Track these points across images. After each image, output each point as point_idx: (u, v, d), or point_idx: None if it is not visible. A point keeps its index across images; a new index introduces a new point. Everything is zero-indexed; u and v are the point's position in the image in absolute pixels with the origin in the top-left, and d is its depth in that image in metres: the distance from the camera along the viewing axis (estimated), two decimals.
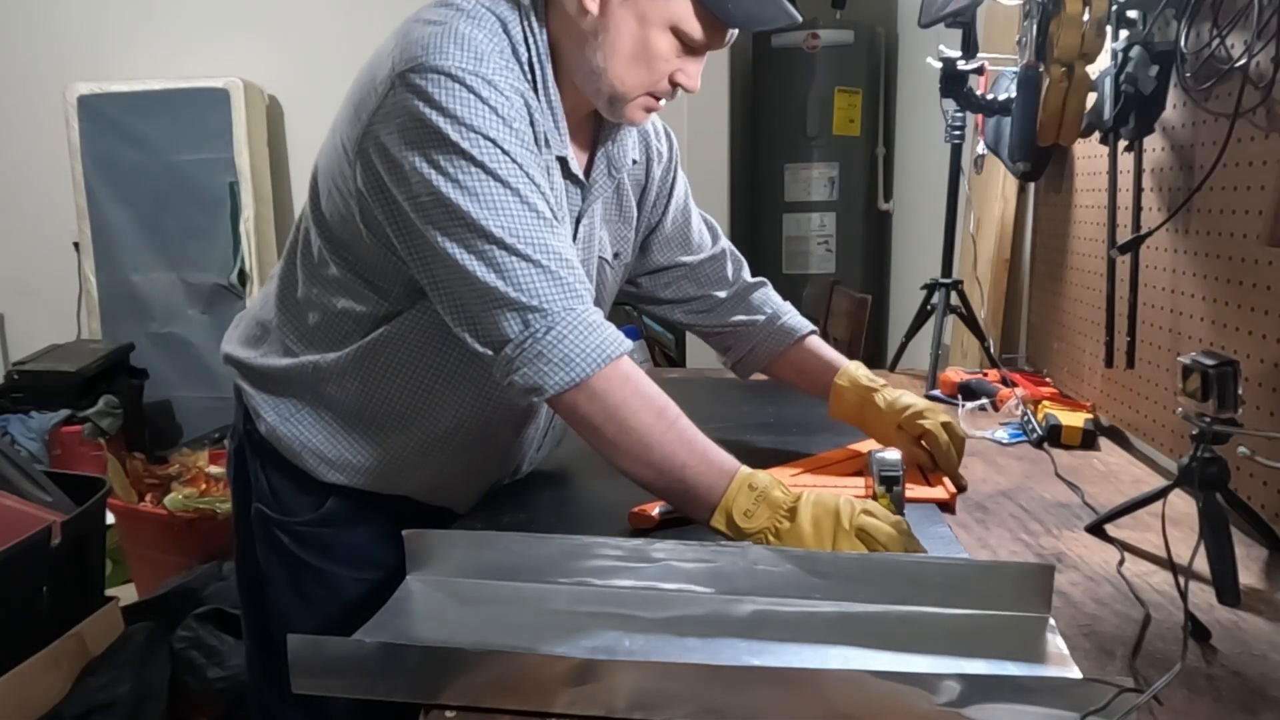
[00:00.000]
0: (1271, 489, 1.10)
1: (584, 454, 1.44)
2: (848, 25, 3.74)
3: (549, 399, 0.97)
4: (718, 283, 1.38)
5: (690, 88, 1.05)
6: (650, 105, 1.06)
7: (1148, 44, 1.27)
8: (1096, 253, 1.67)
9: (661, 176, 1.29)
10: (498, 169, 0.95)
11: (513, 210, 0.95)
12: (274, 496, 1.17)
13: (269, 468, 1.17)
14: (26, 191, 3.89)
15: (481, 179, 0.94)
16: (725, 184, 3.78)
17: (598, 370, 0.95)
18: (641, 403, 0.98)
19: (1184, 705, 0.73)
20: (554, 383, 0.95)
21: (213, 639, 2.02)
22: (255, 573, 1.22)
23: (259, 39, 3.77)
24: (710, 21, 1.00)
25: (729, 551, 0.90)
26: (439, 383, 1.10)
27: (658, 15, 0.98)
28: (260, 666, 1.28)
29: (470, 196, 0.94)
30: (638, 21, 0.99)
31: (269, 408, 1.14)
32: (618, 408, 0.97)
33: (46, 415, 3.26)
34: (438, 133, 0.94)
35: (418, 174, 0.94)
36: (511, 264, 0.95)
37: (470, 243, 0.95)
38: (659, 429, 0.97)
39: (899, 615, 0.85)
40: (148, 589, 2.47)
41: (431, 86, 0.93)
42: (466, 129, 0.94)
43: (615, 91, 1.02)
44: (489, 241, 0.94)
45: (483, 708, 0.74)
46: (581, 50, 1.01)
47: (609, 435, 0.98)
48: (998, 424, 1.58)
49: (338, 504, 1.15)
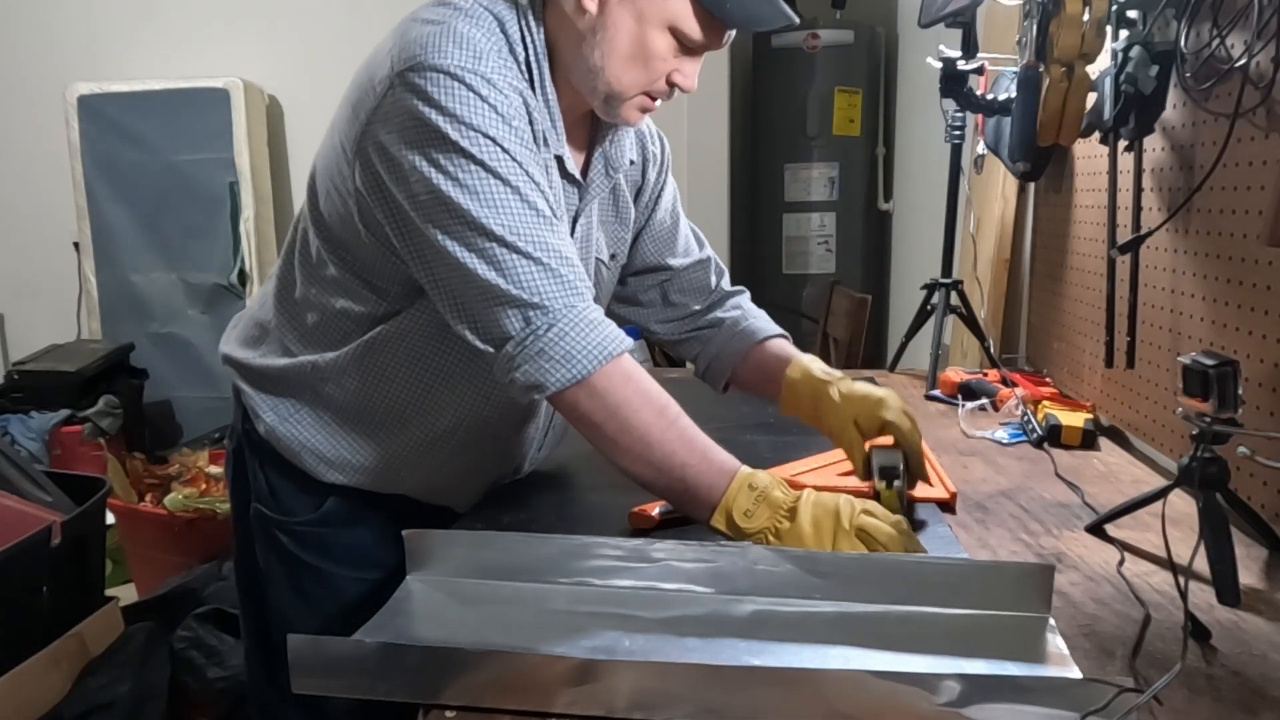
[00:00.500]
0: (1271, 489, 1.10)
1: (584, 454, 1.44)
2: (848, 25, 3.74)
3: (550, 396, 0.97)
4: (699, 292, 1.35)
5: (687, 88, 1.04)
6: (646, 105, 1.05)
7: (1148, 44, 1.27)
8: (1096, 253, 1.67)
9: (655, 178, 1.29)
10: (497, 167, 0.95)
11: (513, 208, 0.95)
12: (273, 496, 1.17)
13: (268, 467, 1.17)
14: (26, 191, 3.89)
15: (481, 177, 0.94)
16: (725, 184, 3.78)
17: (599, 368, 0.95)
18: (642, 401, 0.98)
19: (1184, 705, 0.73)
20: (555, 380, 0.95)
21: (213, 639, 2.02)
22: (255, 573, 1.22)
23: (259, 39, 3.77)
24: (709, 21, 0.99)
25: (729, 551, 0.90)
26: (438, 381, 1.10)
27: (656, 14, 0.98)
28: (260, 667, 1.28)
29: (470, 194, 0.94)
30: (635, 20, 0.98)
31: (268, 408, 1.14)
32: (619, 406, 0.97)
33: (46, 415, 3.26)
34: (437, 131, 0.94)
35: (417, 173, 0.94)
36: (512, 261, 0.95)
37: (470, 240, 0.95)
38: (659, 427, 0.97)
39: (899, 615, 0.85)
40: (148, 589, 2.47)
41: (430, 85, 0.93)
42: (466, 127, 0.94)
43: (612, 90, 1.02)
44: (489, 239, 0.94)
45: (483, 708, 0.74)
46: (579, 49, 1.01)
47: (609, 433, 0.98)
48: (998, 424, 1.58)
49: (337, 504, 1.15)
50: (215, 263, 3.70)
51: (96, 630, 1.89)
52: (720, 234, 3.74)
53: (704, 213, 1.36)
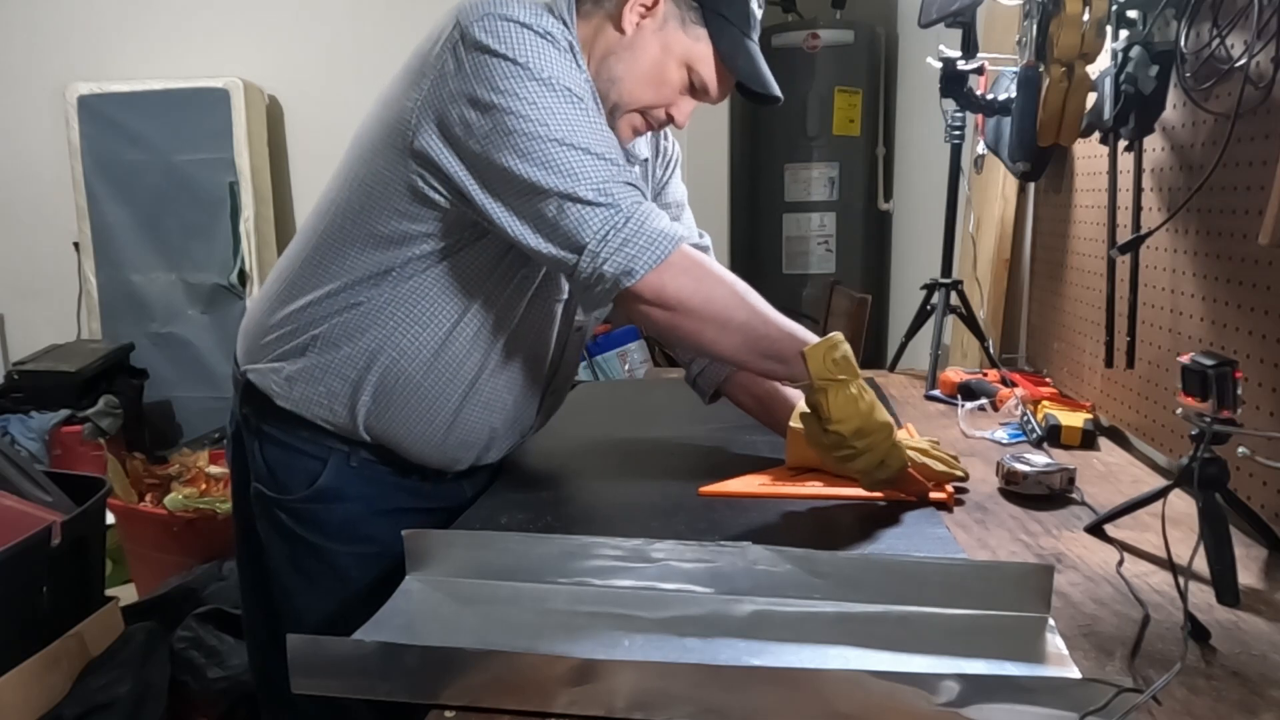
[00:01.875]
0: (1271, 489, 1.10)
1: (584, 454, 1.45)
2: (848, 25, 3.75)
3: (635, 286, 1.02)
4: None
5: (680, 122, 1.18)
6: (639, 127, 1.17)
7: (1148, 44, 1.27)
8: (1096, 253, 1.67)
9: (665, 169, 1.37)
10: (558, 84, 1.02)
11: (575, 117, 1.02)
12: (271, 475, 1.20)
13: (266, 446, 1.20)
14: (26, 191, 3.89)
15: (543, 94, 1.01)
16: (725, 184, 3.78)
17: (677, 248, 1.04)
18: (719, 275, 1.08)
19: (1183, 705, 0.73)
20: (644, 263, 1.02)
21: (213, 639, 2.02)
22: (257, 558, 1.26)
23: (259, 39, 3.77)
24: (721, 71, 1.14)
25: (729, 551, 0.90)
26: (455, 333, 1.14)
27: (679, 50, 1.12)
28: (263, 657, 1.32)
29: (535, 108, 1.00)
30: (661, 49, 1.12)
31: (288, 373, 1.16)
32: (702, 278, 1.06)
33: (46, 415, 3.26)
34: (501, 64, 1.00)
35: (482, 104, 1.01)
36: (581, 162, 1.01)
37: (541, 151, 1.00)
38: (739, 291, 1.07)
39: (899, 615, 0.86)
40: (148, 589, 2.47)
41: (494, 27, 1.01)
42: (526, 61, 1.01)
43: (621, 101, 1.13)
44: (558, 144, 1.00)
45: (483, 708, 0.74)
46: (605, 59, 1.12)
47: (695, 305, 1.05)
48: (997, 424, 1.58)
49: (328, 479, 1.18)
50: (215, 263, 3.70)
51: (96, 630, 1.89)
52: (720, 234, 3.74)
53: (704, 213, 1.36)
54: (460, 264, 1.11)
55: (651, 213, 1.04)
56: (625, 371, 3.29)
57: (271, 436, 1.19)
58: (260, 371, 1.19)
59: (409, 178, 1.06)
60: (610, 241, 1.01)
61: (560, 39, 1.05)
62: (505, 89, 1.00)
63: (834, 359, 1.05)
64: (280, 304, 1.18)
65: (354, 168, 1.12)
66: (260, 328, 1.20)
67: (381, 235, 1.10)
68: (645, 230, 1.02)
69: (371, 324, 1.12)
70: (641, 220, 1.02)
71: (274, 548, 1.22)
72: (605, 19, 1.12)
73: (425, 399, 1.15)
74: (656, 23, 1.12)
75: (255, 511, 1.23)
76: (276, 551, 1.22)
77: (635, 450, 1.44)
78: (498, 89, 1.00)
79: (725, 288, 1.07)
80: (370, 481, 1.19)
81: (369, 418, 1.15)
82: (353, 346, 1.13)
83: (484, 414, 1.19)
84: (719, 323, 1.06)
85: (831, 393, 1.05)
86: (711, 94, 1.16)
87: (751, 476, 1.25)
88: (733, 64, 1.13)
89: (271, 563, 1.24)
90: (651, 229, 1.02)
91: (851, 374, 1.06)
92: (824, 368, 1.04)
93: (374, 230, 1.10)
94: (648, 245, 1.02)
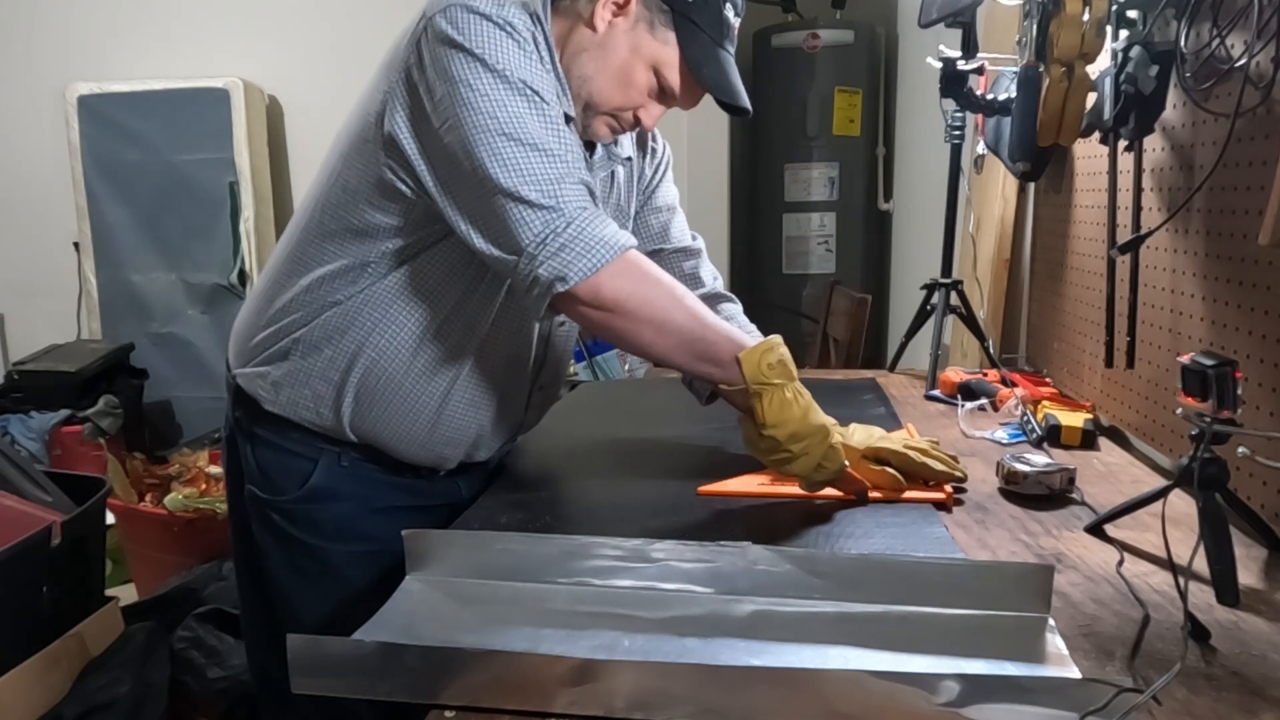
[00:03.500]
0: (1271, 489, 1.10)
1: (583, 454, 1.45)
2: (848, 25, 3.74)
3: (571, 291, 1.01)
4: (690, 280, 1.39)
5: (647, 126, 1.17)
6: (613, 126, 1.16)
7: (1148, 44, 1.27)
8: (1096, 253, 1.67)
9: (652, 174, 1.37)
10: (514, 80, 1.01)
11: (527, 115, 1.02)
12: (264, 476, 1.21)
13: (258, 448, 1.21)
14: (26, 191, 3.89)
15: (500, 88, 1.01)
16: (725, 184, 3.78)
17: (616, 257, 1.02)
18: (656, 280, 1.07)
19: (1183, 705, 0.73)
20: (578, 270, 1.00)
21: (213, 639, 2.02)
22: (254, 560, 1.26)
23: (259, 39, 3.77)
24: (686, 77, 1.13)
25: (728, 551, 0.90)
26: (441, 331, 1.14)
27: (648, 52, 1.12)
28: (263, 657, 1.32)
29: (489, 104, 1.00)
30: (630, 51, 1.11)
31: (277, 378, 1.17)
32: (639, 280, 1.05)
33: (46, 415, 3.26)
34: (461, 52, 1.00)
35: (441, 89, 1.00)
36: (528, 161, 1.00)
37: (489, 144, 1.00)
38: (676, 296, 1.07)
39: (898, 615, 0.86)
40: (148, 589, 2.46)
41: (458, 18, 1.01)
42: (486, 55, 1.00)
43: (592, 100, 1.13)
44: (507, 140, 1.00)
45: (483, 708, 0.74)
46: (578, 55, 1.12)
47: (632, 308, 1.04)
48: (998, 424, 1.58)
49: (319, 480, 1.18)
50: (215, 263, 3.70)
51: (96, 630, 1.89)
52: (720, 234, 3.74)
53: (704, 213, 1.36)
54: (432, 261, 1.11)
55: (595, 218, 1.02)
56: (625, 371, 3.29)
57: (263, 439, 1.20)
58: (248, 376, 1.20)
59: (379, 169, 1.07)
60: (548, 246, 1.00)
61: (522, 31, 1.03)
62: (460, 79, 1.00)
63: (769, 363, 1.05)
64: (266, 302, 1.18)
65: (332, 163, 1.13)
66: (249, 328, 1.21)
67: (354, 227, 1.10)
68: (584, 236, 1.00)
69: (350, 325, 1.12)
70: (583, 226, 1.01)
71: (270, 549, 1.23)
72: (579, 16, 1.11)
73: (407, 398, 1.15)
74: (628, 23, 1.11)
75: (250, 513, 1.23)
76: (273, 552, 1.22)
77: (634, 450, 1.44)
78: (452, 79, 1.00)
79: (663, 290, 1.06)
80: (362, 481, 1.20)
81: (354, 419, 1.15)
82: (334, 349, 1.13)
83: (468, 411, 1.19)
84: (655, 324, 1.06)
85: (766, 397, 1.05)
86: (678, 100, 1.16)
87: (750, 476, 1.25)
88: (698, 71, 1.12)
89: (268, 564, 1.24)
90: (591, 236, 1.01)
91: (787, 377, 1.06)
92: (759, 372, 1.04)
93: (348, 222, 1.11)
94: (584, 252, 1.00)
